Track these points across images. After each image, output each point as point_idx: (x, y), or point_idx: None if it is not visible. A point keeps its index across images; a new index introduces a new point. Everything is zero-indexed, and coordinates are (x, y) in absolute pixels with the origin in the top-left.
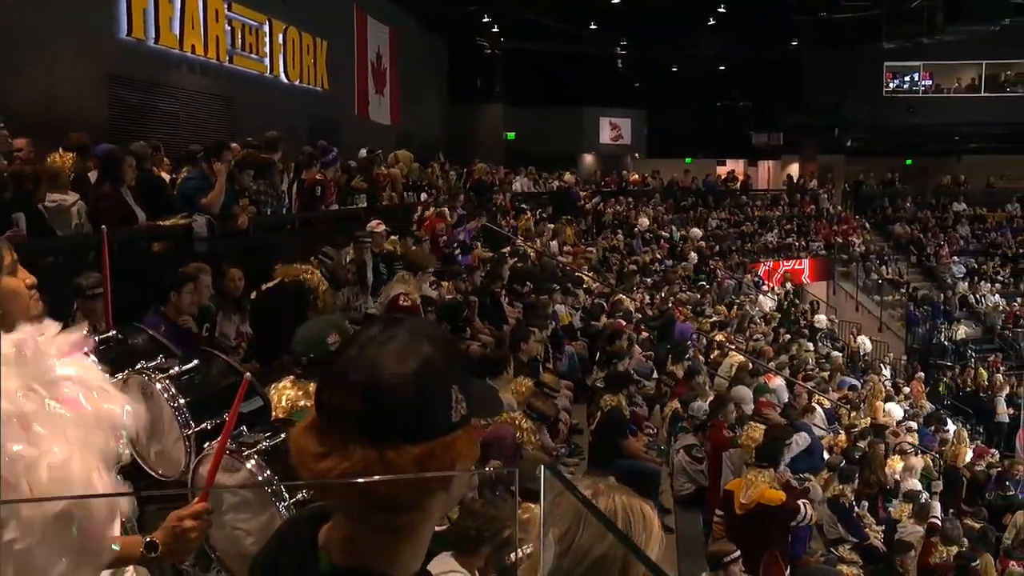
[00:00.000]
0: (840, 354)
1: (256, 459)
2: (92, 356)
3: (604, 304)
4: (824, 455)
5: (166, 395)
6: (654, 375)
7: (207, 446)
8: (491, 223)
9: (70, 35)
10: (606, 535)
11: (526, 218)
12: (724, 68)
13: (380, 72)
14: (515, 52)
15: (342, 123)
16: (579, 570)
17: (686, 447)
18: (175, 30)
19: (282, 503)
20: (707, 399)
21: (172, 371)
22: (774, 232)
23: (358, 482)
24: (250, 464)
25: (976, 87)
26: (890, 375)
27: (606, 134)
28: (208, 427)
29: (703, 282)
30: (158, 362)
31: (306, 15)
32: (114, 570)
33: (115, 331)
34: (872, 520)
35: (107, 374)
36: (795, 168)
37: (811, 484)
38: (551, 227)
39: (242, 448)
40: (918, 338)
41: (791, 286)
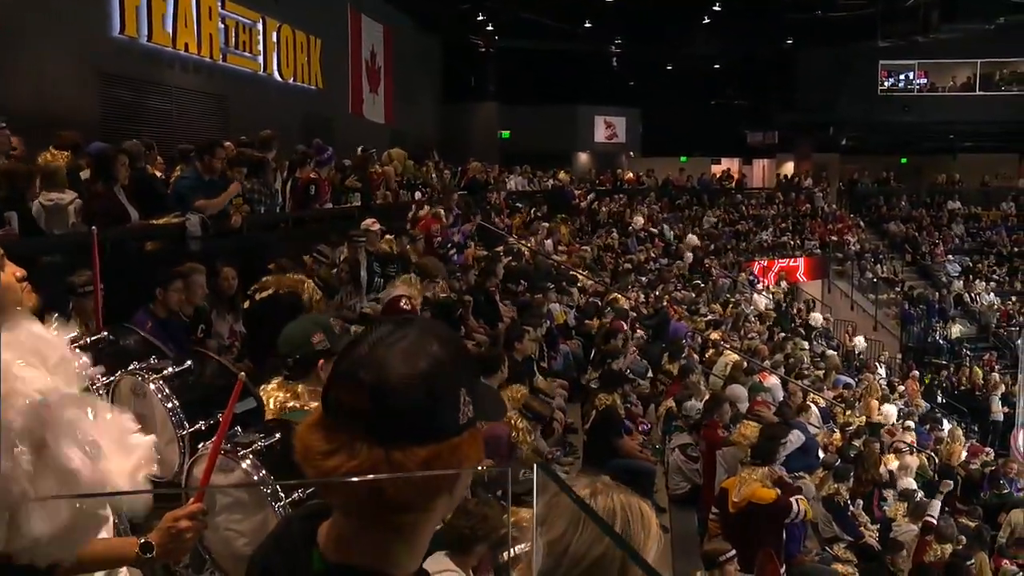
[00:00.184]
0: (835, 353)
1: (251, 459)
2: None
3: (599, 303)
4: (819, 454)
5: (160, 395)
6: (649, 374)
7: (201, 447)
8: (485, 222)
9: (63, 33)
10: (611, 530)
11: (520, 217)
12: (719, 66)
13: (374, 70)
14: (509, 50)
15: (336, 122)
16: (577, 571)
17: (681, 446)
18: (168, 28)
19: (278, 503)
20: (702, 398)
21: (166, 372)
22: (769, 231)
23: (364, 482)
24: (245, 464)
25: (971, 86)
26: (885, 374)
27: (601, 132)
28: (202, 427)
29: (698, 281)
30: (151, 363)
31: (300, 13)
32: (108, 571)
33: (106, 332)
34: (867, 519)
35: (100, 375)
36: (790, 166)
37: (804, 481)
38: (546, 226)
39: (237, 448)
40: (913, 337)
41: (786, 284)
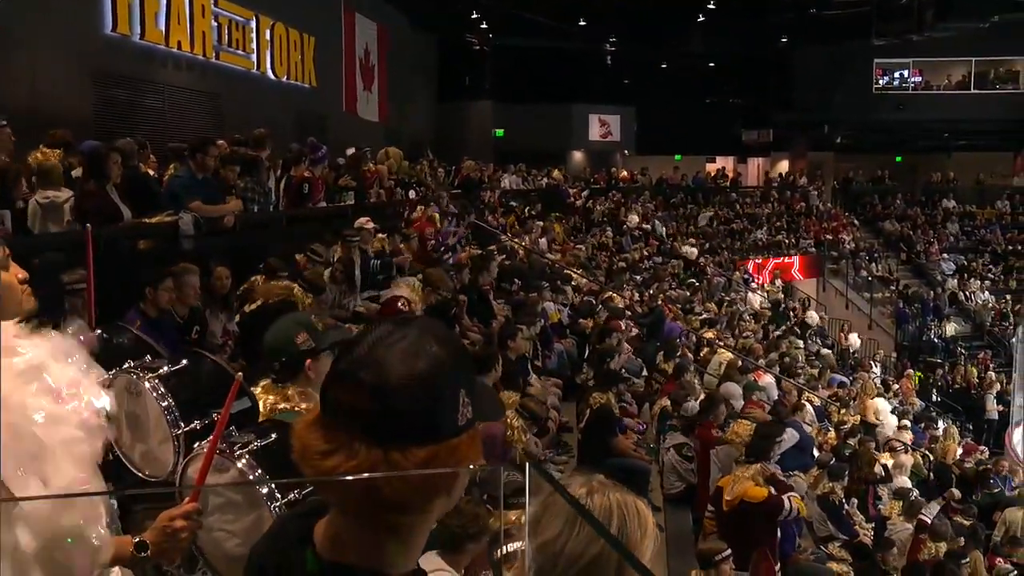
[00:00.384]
0: (830, 351)
1: (247, 459)
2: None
3: (593, 302)
4: (814, 452)
5: (155, 394)
6: (643, 372)
7: (197, 446)
8: (479, 220)
9: (55, 31)
10: (605, 529)
11: (514, 215)
12: (714, 65)
13: (368, 69)
14: (504, 49)
15: (330, 120)
16: (574, 570)
17: (676, 446)
18: (161, 26)
19: (275, 503)
20: (697, 397)
21: (161, 371)
22: (763, 229)
23: (362, 482)
24: (241, 464)
25: (966, 84)
26: (880, 372)
27: (595, 131)
28: (197, 427)
29: (693, 280)
30: (146, 362)
31: (294, 11)
32: (100, 571)
33: (100, 330)
34: (861, 517)
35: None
36: (784, 165)
37: (796, 479)
38: (540, 224)
39: (234, 448)
40: (908, 335)
41: (781, 283)
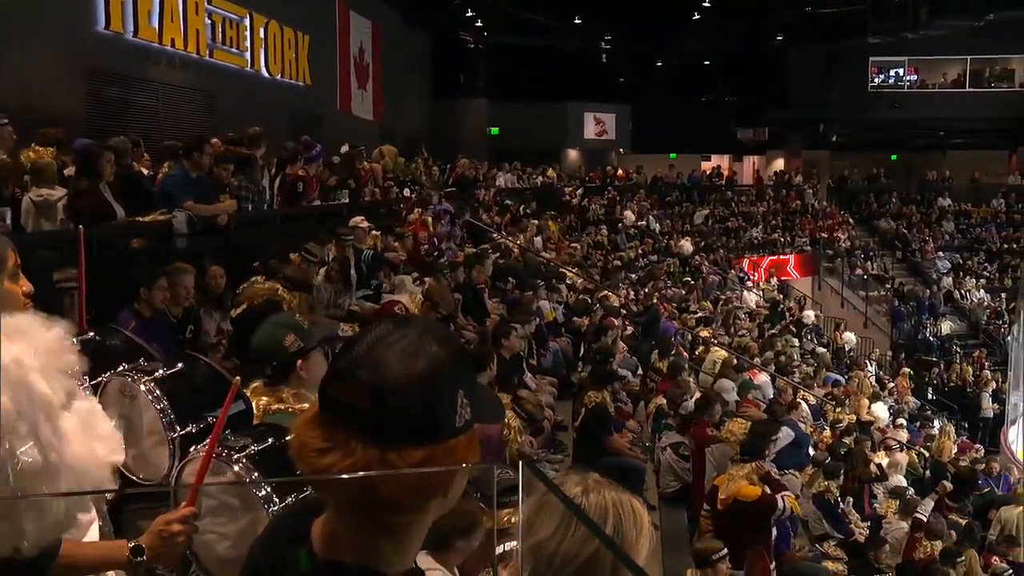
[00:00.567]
0: (826, 350)
1: (244, 463)
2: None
3: (588, 300)
4: (810, 451)
5: (150, 397)
6: (638, 371)
7: (193, 450)
8: (474, 219)
9: (47, 28)
10: (600, 530)
11: (509, 214)
12: (709, 63)
13: (363, 67)
14: (499, 47)
15: (324, 118)
16: (569, 569)
17: (673, 445)
18: (154, 23)
19: (272, 506)
20: (692, 396)
21: (156, 374)
22: (759, 228)
23: (357, 481)
24: (237, 468)
25: (961, 82)
26: (875, 371)
27: (590, 129)
28: (192, 431)
29: (688, 278)
30: (140, 364)
31: (288, 9)
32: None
33: (92, 332)
34: (857, 516)
35: (86, 376)
36: (780, 163)
37: (789, 478)
38: (535, 223)
39: (231, 452)
40: (903, 334)
41: (776, 281)
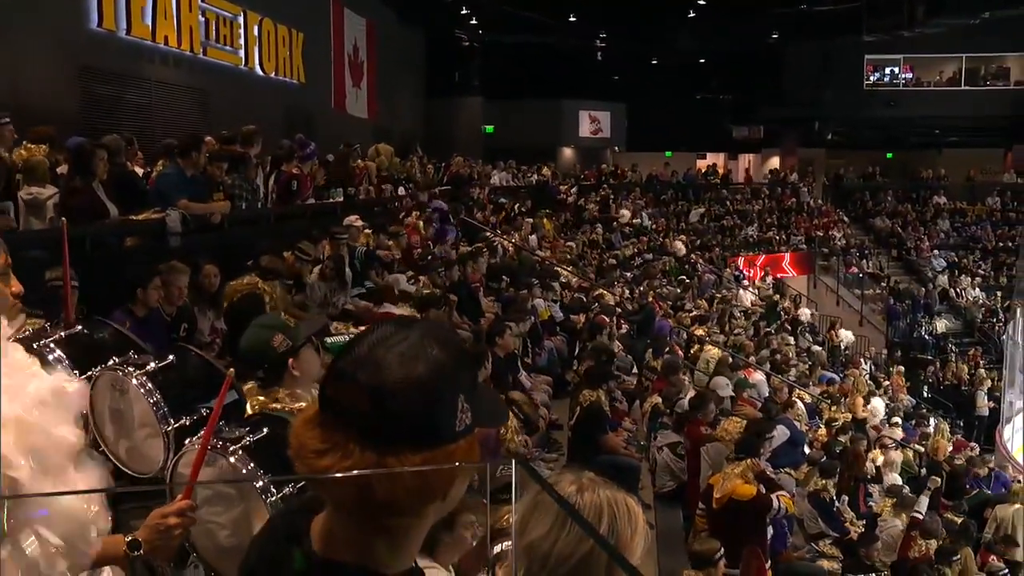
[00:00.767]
0: (822, 348)
1: (240, 454)
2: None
3: (583, 299)
4: (806, 449)
5: (142, 391)
6: (634, 370)
7: (188, 442)
8: (468, 217)
9: (39, 26)
10: (595, 529)
11: (504, 212)
12: (704, 61)
13: (357, 65)
14: (494, 45)
15: (318, 117)
16: (564, 569)
17: (670, 445)
18: (147, 21)
19: (269, 497)
20: (687, 394)
21: (148, 367)
22: (754, 226)
23: (355, 483)
24: (233, 459)
25: (957, 80)
26: (870, 369)
27: (585, 127)
28: (186, 423)
29: (683, 277)
30: (131, 358)
31: (282, 6)
32: (90, 571)
33: (80, 326)
34: (852, 514)
35: (76, 370)
36: (775, 161)
37: (785, 476)
38: (529, 221)
39: (227, 444)
40: (898, 332)
41: (771, 280)
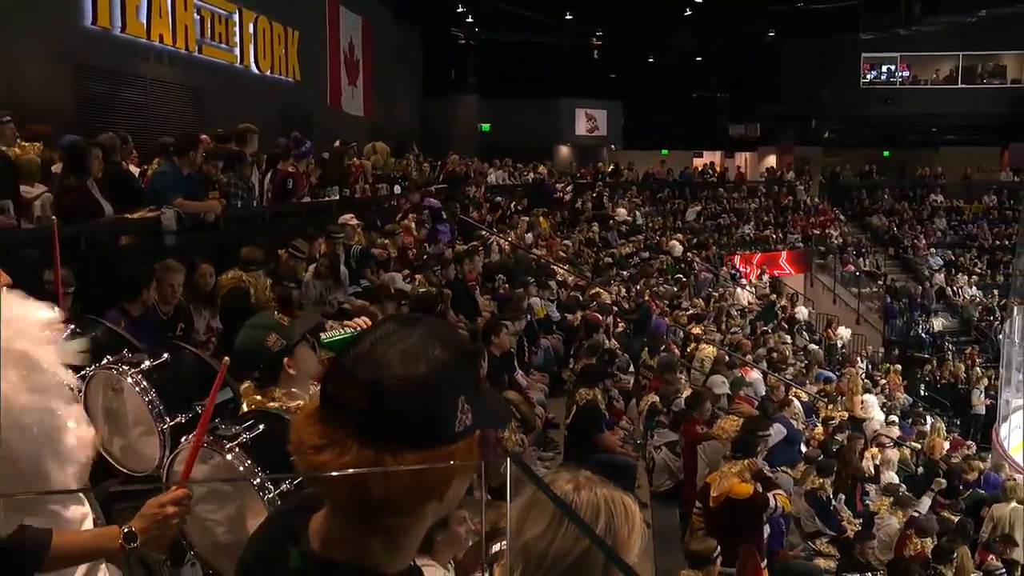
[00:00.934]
0: (818, 347)
1: (236, 451)
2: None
3: (580, 297)
4: (802, 448)
5: (138, 389)
6: (631, 368)
7: (184, 440)
8: (464, 215)
9: (33, 23)
10: (592, 528)
11: (500, 211)
12: (701, 59)
13: (353, 63)
14: (490, 43)
15: (314, 115)
16: (561, 567)
17: (668, 444)
18: (142, 19)
19: (266, 494)
20: (683, 393)
21: (143, 365)
22: (751, 224)
23: (352, 481)
24: (229, 456)
25: (953, 79)
26: (866, 367)
27: (582, 125)
28: (182, 421)
29: (680, 275)
30: (126, 357)
31: (277, 4)
32: (87, 568)
33: (72, 325)
34: (849, 513)
35: (69, 369)
36: (772, 159)
37: (782, 475)
38: (526, 220)
39: (223, 441)
40: (895, 330)
41: (768, 278)
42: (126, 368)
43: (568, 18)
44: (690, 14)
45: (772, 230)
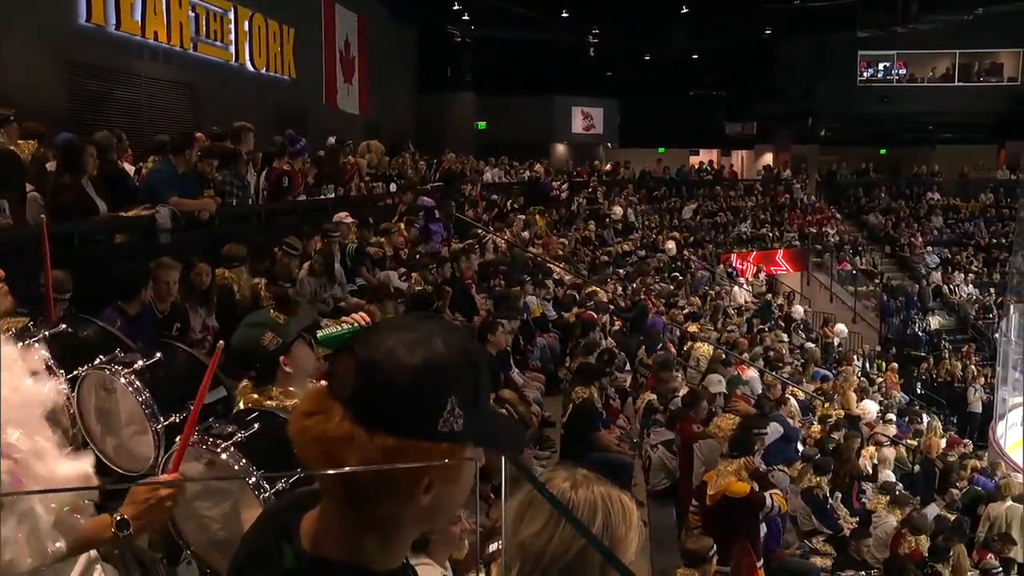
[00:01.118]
0: (815, 345)
1: (231, 451)
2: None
3: (576, 295)
4: (799, 446)
5: (131, 389)
6: (627, 367)
7: (178, 439)
8: (459, 213)
9: (27, 20)
10: (589, 526)
11: (496, 209)
12: (697, 57)
13: (348, 60)
14: (486, 40)
15: (310, 113)
16: (559, 566)
17: (665, 443)
18: (137, 16)
19: (262, 493)
20: (679, 392)
21: (136, 365)
22: (747, 223)
23: (324, 447)
24: (224, 455)
25: (950, 77)
26: (863, 365)
27: (578, 123)
28: (176, 420)
29: (677, 274)
30: (118, 356)
31: (272, 2)
32: (83, 568)
33: (65, 324)
34: (846, 511)
35: (61, 369)
36: (769, 157)
37: (778, 473)
38: (522, 218)
39: (217, 440)
40: (892, 329)
41: (764, 276)
42: (119, 368)
43: (564, 16)
44: (686, 12)
45: (769, 228)
